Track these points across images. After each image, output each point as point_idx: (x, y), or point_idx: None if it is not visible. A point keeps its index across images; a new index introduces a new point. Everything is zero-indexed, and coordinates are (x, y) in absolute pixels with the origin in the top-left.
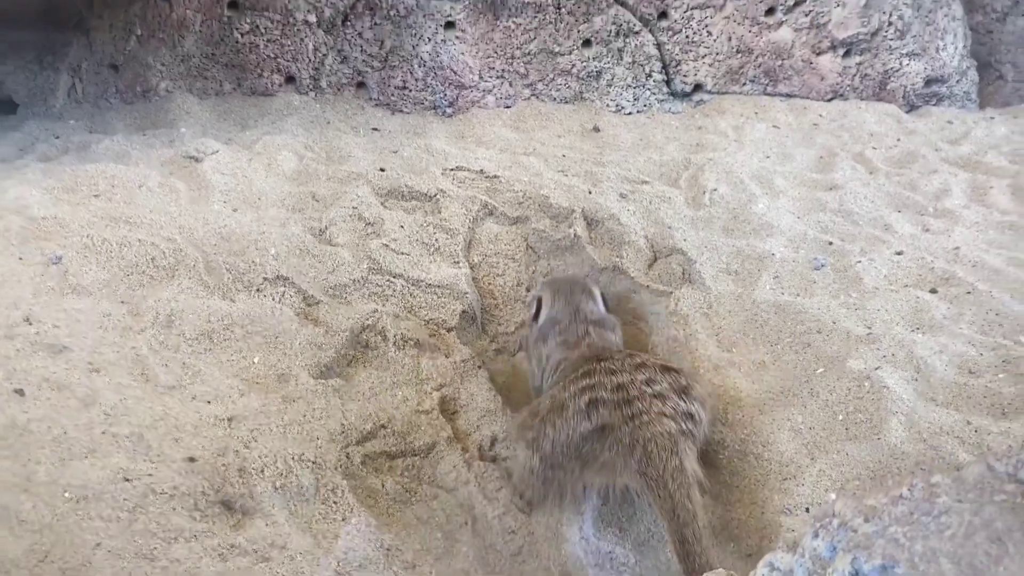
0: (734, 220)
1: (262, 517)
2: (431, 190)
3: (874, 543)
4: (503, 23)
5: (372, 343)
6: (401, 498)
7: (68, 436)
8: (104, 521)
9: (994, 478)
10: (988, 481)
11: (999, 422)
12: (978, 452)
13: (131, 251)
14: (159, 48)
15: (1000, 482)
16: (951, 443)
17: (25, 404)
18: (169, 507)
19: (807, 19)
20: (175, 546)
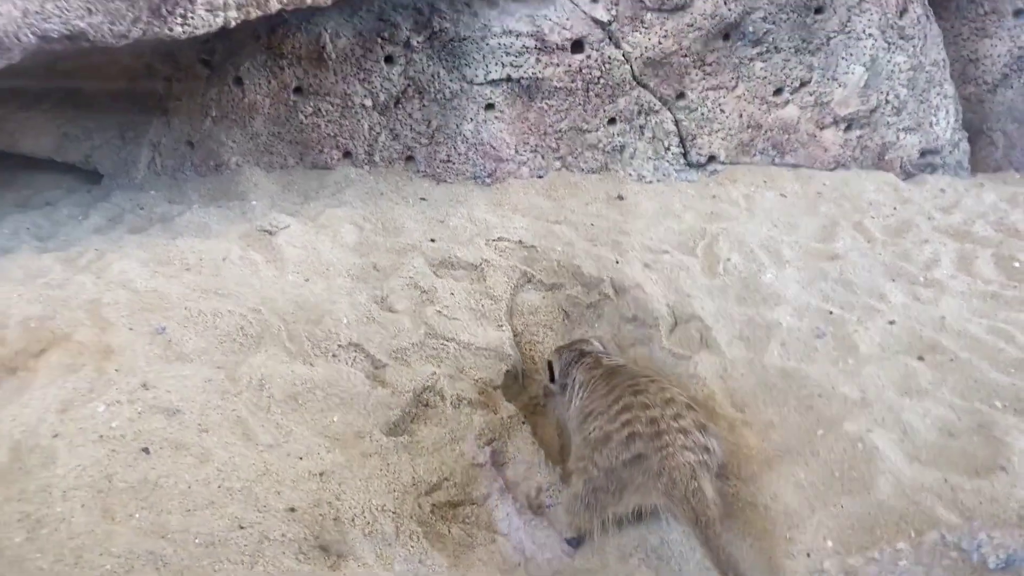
0: (746, 289)
1: (355, 560)
2: (476, 260)
3: None
4: (537, 104)
5: (432, 402)
6: (464, 542)
7: (191, 490)
8: (231, 564)
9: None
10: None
11: (972, 480)
12: (952, 508)
13: (223, 321)
14: (231, 127)
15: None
16: (930, 499)
17: (152, 462)
18: (279, 551)
19: (811, 98)
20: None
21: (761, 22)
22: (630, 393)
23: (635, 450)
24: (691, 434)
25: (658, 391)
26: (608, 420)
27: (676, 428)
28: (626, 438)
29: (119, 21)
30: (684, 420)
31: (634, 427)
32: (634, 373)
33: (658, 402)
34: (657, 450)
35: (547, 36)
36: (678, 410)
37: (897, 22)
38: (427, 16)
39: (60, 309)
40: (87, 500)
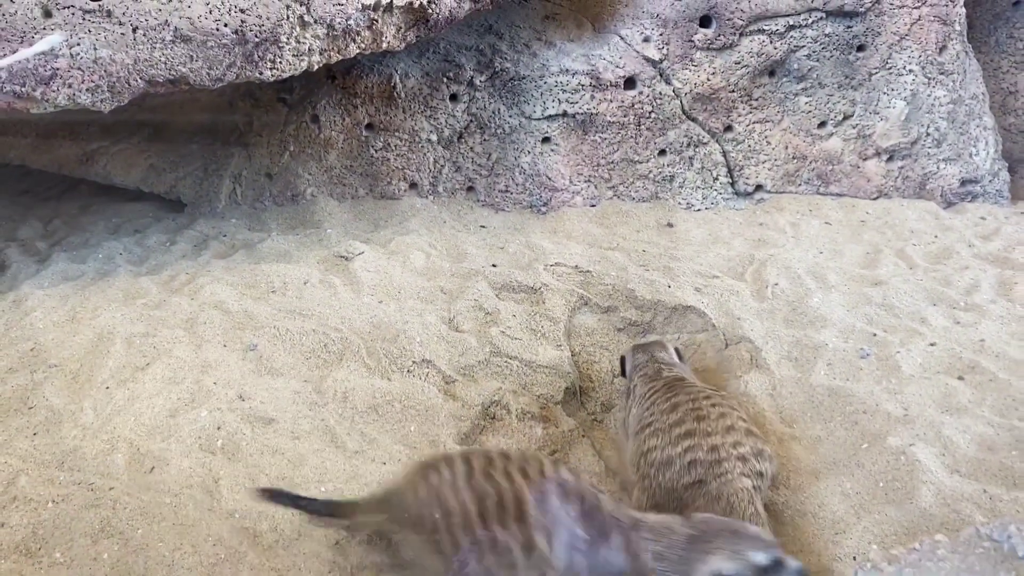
0: (793, 312)
1: None
2: (536, 284)
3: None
4: (591, 137)
5: (498, 415)
6: None
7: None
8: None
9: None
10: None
11: (1011, 491)
12: (990, 516)
13: (308, 339)
14: (307, 161)
15: (981, 540)
16: (970, 508)
17: (252, 464)
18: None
19: (854, 131)
20: None
21: (805, 59)
22: (692, 419)
23: (696, 475)
24: (748, 462)
25: (719, 417)
26: (670, 443)
27: (736, 456)
28: (688, 464)
29: (216, 67)
30: (743, 448)
31: (696, 454)
32: (695, 393)
33: (719, 430)
34: (716, 476)
35: (601, 74)
36: (738, 438)
37: (937, 59)
38: (489, 57)
39: (159, 327)
40: (197, 496)
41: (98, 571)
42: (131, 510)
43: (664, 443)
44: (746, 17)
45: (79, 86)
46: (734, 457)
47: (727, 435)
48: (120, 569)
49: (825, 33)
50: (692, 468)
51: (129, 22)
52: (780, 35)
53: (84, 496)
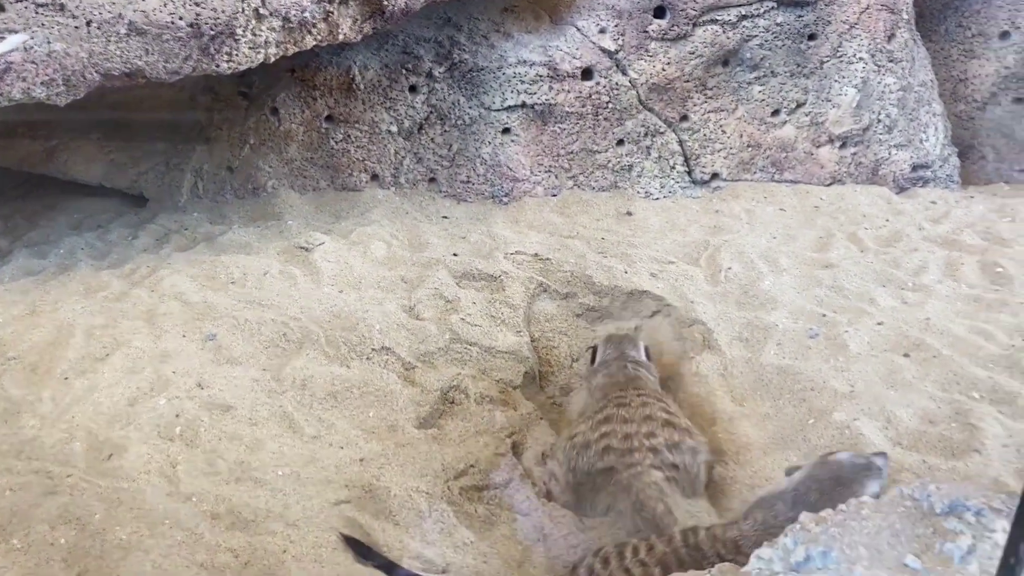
0: (745, 295)
1: (392, 523)
2: (496, 272)
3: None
4: (550, 128)
5: (457, 400)
6: (489, 520)
7: (246, 473)
8: (284, 526)
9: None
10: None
11: (948, 461)
12: None
13: (267, 329)
14: (268, 154)
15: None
16: (909, 477)
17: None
18: (326, 516)
19: (807, 119)
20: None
21: (758, 49)
22: (614, 405)
23: (608, 462)
24: (660, 453)
25: (640, 406)
26: (591, 428)
27: (647, 447)
28: (601, 450)
29: (172, 60)
30: (656, 439)
31: (609, 440)
32: (635, 388)
33: (636, 418)
34: (627, 466)
35: (559, 65)
36: (653, 428)
37: (886, 47)
38: (448, 49)
39: (120, 319)
40: (154, 481)
41: (55, 555)
42: (89, 496)
43: (586, 428)
44: (699, 7)
45: (33, 80)
46: (646, 448)
47: (643, 424)
48: (77, 553)
49: (777, 22)
50: (605, 455)
51: (83, 15)
52: (733, 25)
53: (42, 484)
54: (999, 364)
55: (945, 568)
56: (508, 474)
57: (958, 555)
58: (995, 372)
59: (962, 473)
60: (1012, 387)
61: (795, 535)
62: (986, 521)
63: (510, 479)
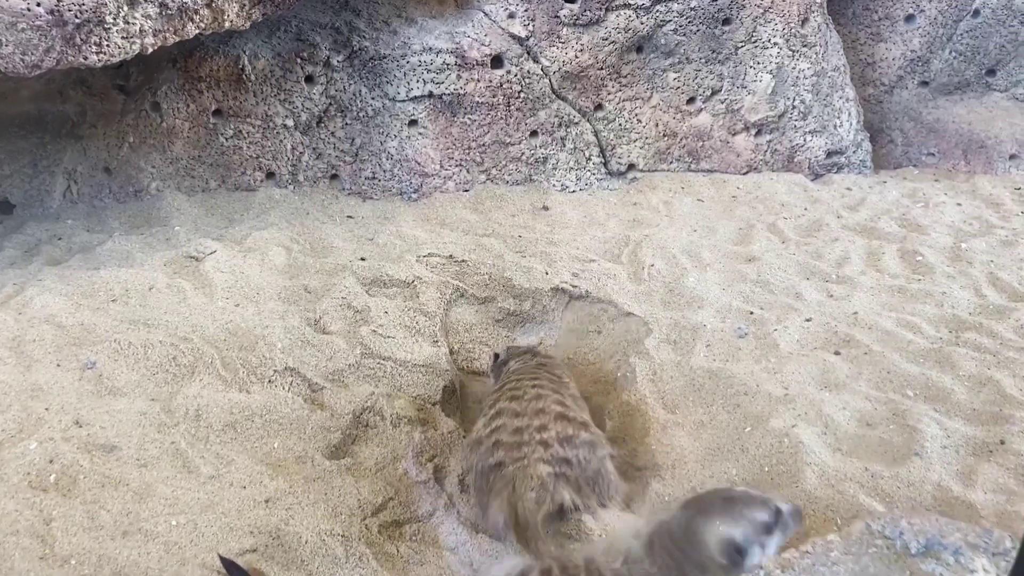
0: (670, 293)
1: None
2: (408, 277)
3: None
4: (460, 120)
5: (371, 422)
6: (413, 560)
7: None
8: None
9: (870, 534)
10: (866, 537)
11: (891, 467)
12: (874, 494)
13: (154, 352)
14: (150, 152)
15: (873, 537)
16: (853, 488)
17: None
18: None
19: (723, 106)
20: None
21: (672, 34)
22: (507, 398)
23: (498, 458)
24: (551, 447)
25: (533, 398)
26: (484, 423)
27: (537, 440)
28: (492, 445)
29: (31, 52)
30: (548, 432)
31: (500, 435)
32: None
33: (528, 411)
34: (515, 460)
35: (467, 52)
36: (544, 421)
37: (800, 31)
38: (346, 35)
39: None
40: (24, 543)
41: None
42: None
43: (481, 423)
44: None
45: None
46: (535, 442)
47: (535, 417)
48: None
49: (691, 7)
50: (496, 449)
51: None
52: (646, 9)
53: None
54: (929, 359)
55: None
56: (431, 504)
57: None
58: (926, 367)
59: (905, 480)
60: (944, 383)
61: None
62: (965, 561)
63: (433, 510)
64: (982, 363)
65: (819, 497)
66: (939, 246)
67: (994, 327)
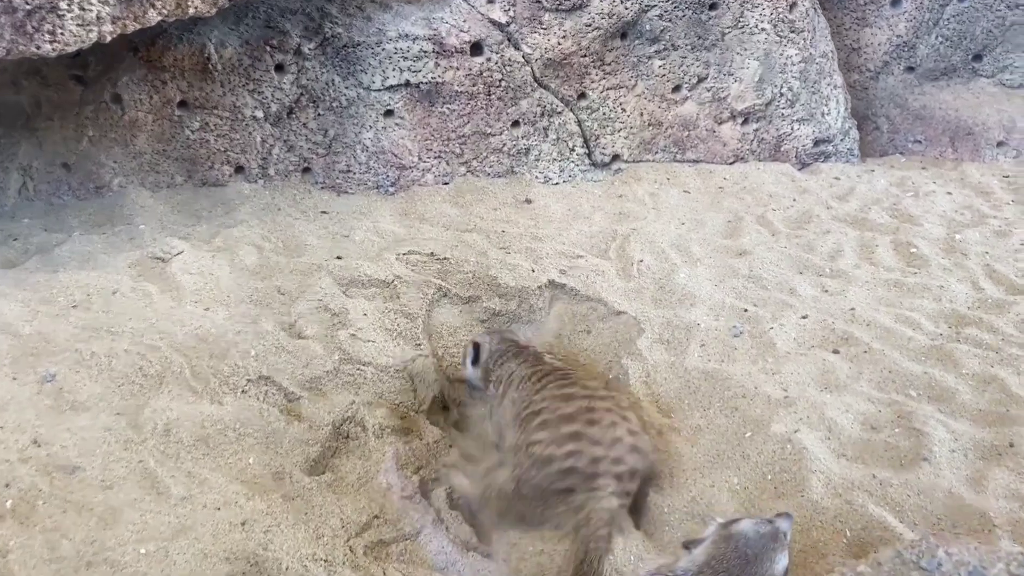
0: (661, 291)
1: None
2: (388, 276)
3: None
4: (438, 109)
5: (352, 434)
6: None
7: (98, 556)
8: None
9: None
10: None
11: (899, 474)
12: (883, 503)
13: (119, 362)
14: (111, 147)
15: (908, 568)
16: (862, 496)
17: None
18: None
19: (709, 94)
20: None
21: (657, 20)
22: (584, 421)
23: (569, 483)
24: (622, 480)
25: (609, 425)
26: (555, 443)
27: (613, 474)
28: (566, 470)
29: None
30: (622, 466)
31: (577, 462)
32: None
33: (607, 440)
34: (588, 490)
35: (445, 39)
36: (620, 453)
37: (787, 16)
38: (318, 22)
39: None
40: None
41: None
42: None
43: (549, 439)
44: None
45: None
46: (611, 475)
47: (612, 448)
48: None
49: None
50: (568, 475)
51: None
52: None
53: None
54: (931, 356)
55: None
56: (419, 520)
57: None
58: (928, 366)
59: (915, 488)
60: (947, 382)
61: None
62: None
63: (421, 527)
64: (985, 360)
65: (826, 507)
66: (932, 237)
67: (994, 322)
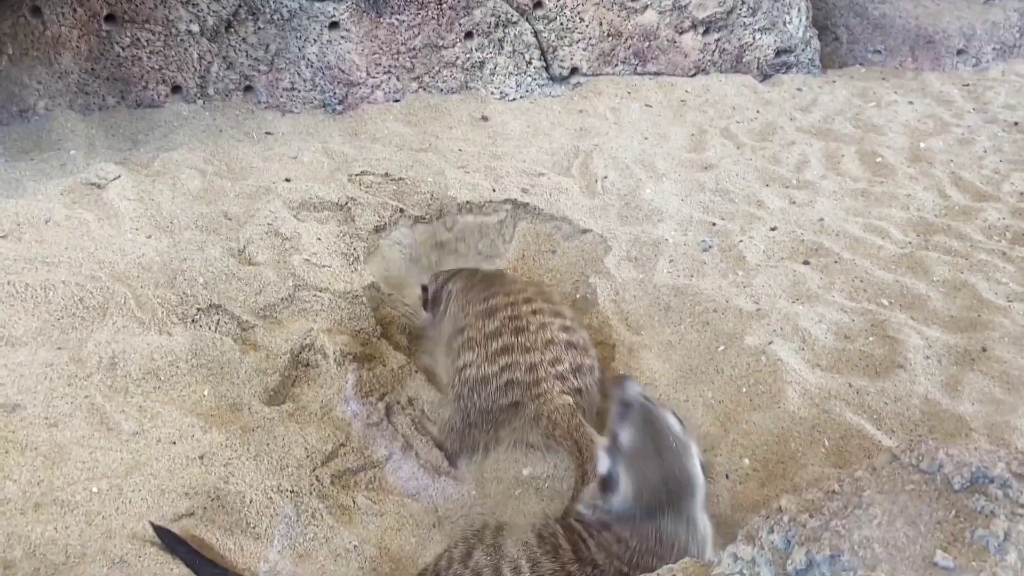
0: (627, 207)
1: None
2: (341, 198)
3: (821, 536)
4: (387, 20)
5: (312, 361)
6: (372, 511)
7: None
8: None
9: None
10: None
11: (875, 382)
12: (861, 411)
13: (57, 294)
14: (34, 66)
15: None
16: (839, 405)
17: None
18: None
19: (670, 2)
20: None
21: None
22: (510, 332)
23: (513, 397)
24: (567, 380)
25: (538, 328)
26: (487, 360)
27: (554, 375)
28: (504, 385)
29: None
30: (562, 365)
31: (513, 374)
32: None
33: (538, 344)
34: (535, 398)
35: None
36: (557, 353)
37: None
38: None
39: None
40: None
41: None
42: None
43: (480, 359)
44: None
45: None
46: (552, 376)
47: (546, 350)
48: None
49: None
50: (509, 390)
51: None
52: None
53: None
54: (901, 264)
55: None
56: (387, 447)
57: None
58: (899, 274)
59: (892, 395)
60: (918, 289)
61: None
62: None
63: (389, 453)
64: (955, 267)
65: (804, 417)
66: (897, 147)
67: (962, 228)
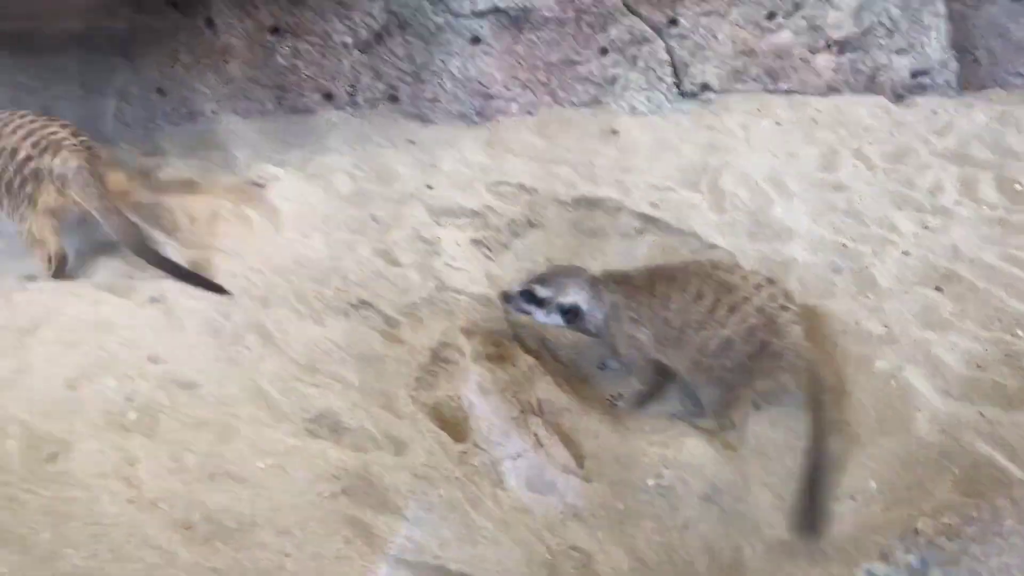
0: (756, 224)
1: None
2: (479, 206)
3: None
4: (526, 36)
5: (451, 359)
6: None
7: (225, 471)
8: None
9: None
10: None
11: (1008, 413)
12: (992, 442)
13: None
14: (205, 73)
15: None
16: (969, 435)
17: (173, 441)
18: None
19: (805, 22)
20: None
21: None
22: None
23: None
24: (790, 309)
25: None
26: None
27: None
28: (746, 333)
29: None
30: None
31: (748, 322)
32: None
33: (751, 290)
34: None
35: None
36: (772, 291)
37: None
38: None
39: None
40: (112, 487)
41: None
42: (32, 510)
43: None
44: None
45: None
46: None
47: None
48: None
49: None
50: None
51: None
52: None
53: None
54: None
55: None
56: (519, 444)
57: None
58: None
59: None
60: None
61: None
62: None
63: (522, 450)
64: None
65: (932, 443)
66: None
67: None
